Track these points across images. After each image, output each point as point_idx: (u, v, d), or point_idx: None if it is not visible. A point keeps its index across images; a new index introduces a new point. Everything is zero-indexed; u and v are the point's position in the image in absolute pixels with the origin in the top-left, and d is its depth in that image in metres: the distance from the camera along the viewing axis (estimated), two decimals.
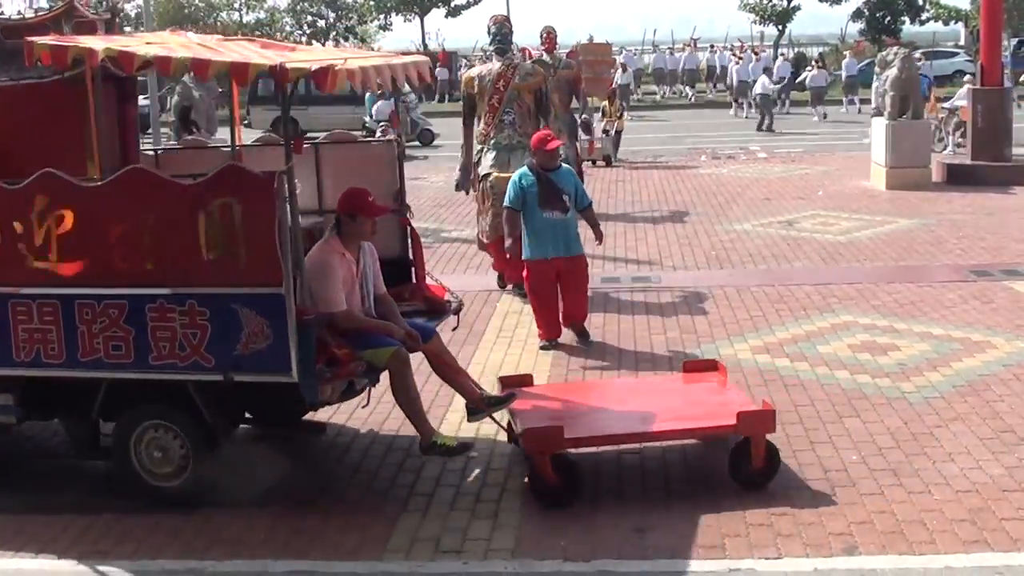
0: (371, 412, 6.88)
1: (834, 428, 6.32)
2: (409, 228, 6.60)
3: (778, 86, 28.35)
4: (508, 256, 8.79)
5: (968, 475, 5.58)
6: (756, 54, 35.76)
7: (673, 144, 23.43)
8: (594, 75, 18.82)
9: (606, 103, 20.33)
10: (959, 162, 16.22)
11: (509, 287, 9.72)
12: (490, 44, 10.08)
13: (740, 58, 32.92)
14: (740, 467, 5.55)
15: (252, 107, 29.82)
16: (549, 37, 13.87)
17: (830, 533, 5.02)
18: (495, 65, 9.78)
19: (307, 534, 5.26)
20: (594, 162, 18.64)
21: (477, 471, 5.94)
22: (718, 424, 5.70)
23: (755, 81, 28.37)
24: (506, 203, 8.05)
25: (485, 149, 9.62)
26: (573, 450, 5.59)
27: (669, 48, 41.78)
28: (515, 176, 8.08)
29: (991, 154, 15.72)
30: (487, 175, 9.49)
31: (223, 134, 18.22)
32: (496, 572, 4.85)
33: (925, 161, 15.64)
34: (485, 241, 9.73)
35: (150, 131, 20.90)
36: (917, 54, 20.70)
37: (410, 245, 6.60)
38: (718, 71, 38.15)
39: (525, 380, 6.46)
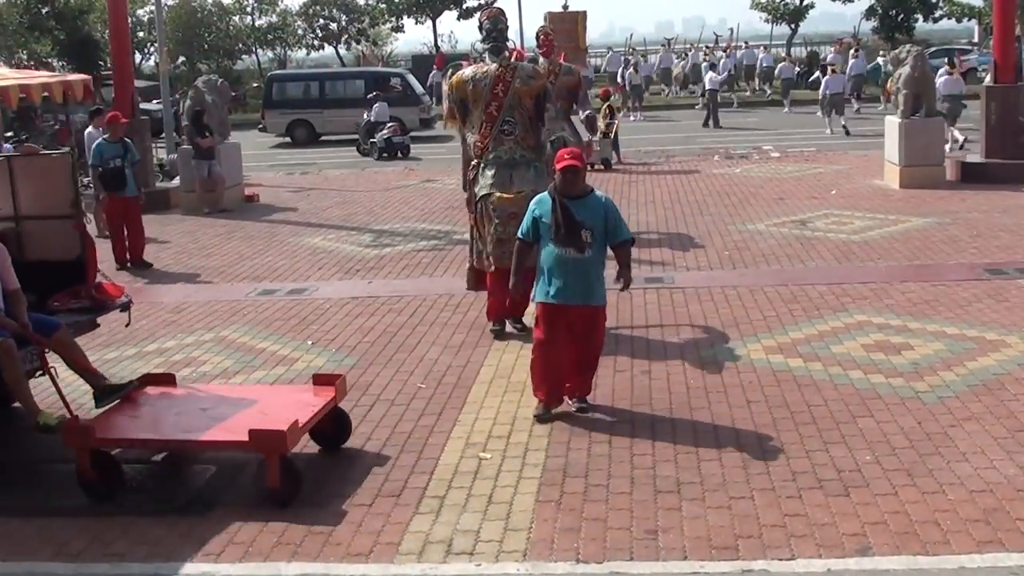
0: (384, 414, 6.93)
1: (847, 428, 6.30)
2: (82, 233, 7.37)
3: (721, 76, 28.69)
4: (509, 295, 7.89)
5: (982, 475, 5.56)
6: (726, 51, 36.00)
7: (685, 144, 23.38)
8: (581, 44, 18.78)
9: (605, 105, 20.23)
10: (973, 160, 16.15)
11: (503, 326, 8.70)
12: (483, 42, 8.86)
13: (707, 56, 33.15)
14: (260, 483, 5.65)
15: (267, 111, 29.93)
16: (546, 39, 12.72)
17: (843, 534, 5.01)
18: (490, 67, 8.57)
19: (320, 536, 5.28)
20: (592, 166, 18.38)
21: (489, 473, 5.95)
22: (232, 439, 5.81)
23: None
24: (519, 233, 6.80)
25: (483, 165, 8.49)
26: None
27: (644, 50, 41.90)
28: (532, 203, 6.76)
29: (1005, 152, 15.65)
30: (487, 195, 8.40)
31: (236, 138, 18.33)
32: (508, 574, 4.85)
33: (939, 159, 15.58)
34: (489, 268, 8.54)
35: (163, 135, 21.06)
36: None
37: (83, 248, 7.37)
38: (689, 71, 38.05)
39: (167, 379, 6.82)
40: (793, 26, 46.92)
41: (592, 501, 5.50)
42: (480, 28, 8.81)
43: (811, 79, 33.33)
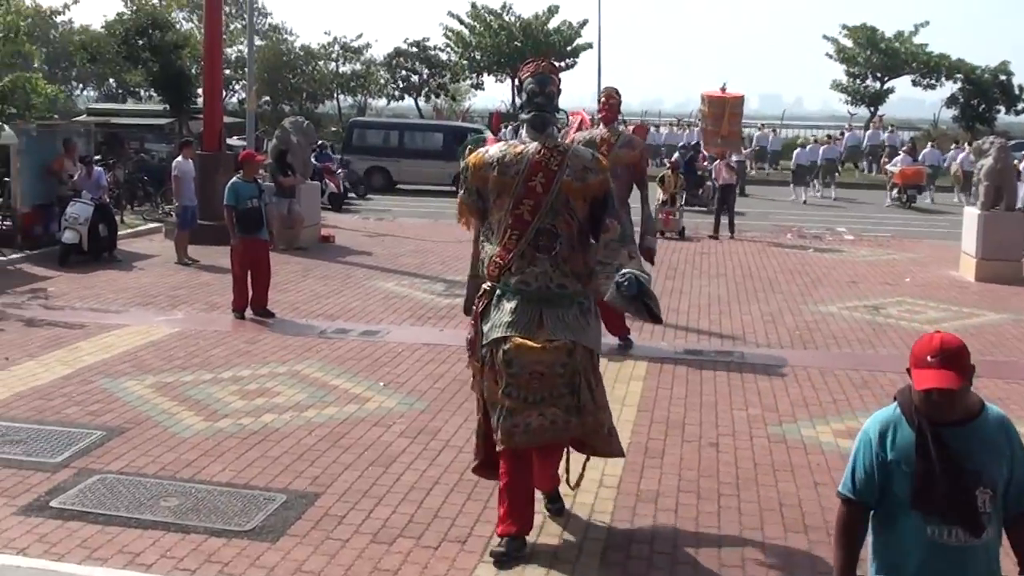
0: (452, 460, 6.99)
1: None
2: None
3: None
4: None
5: None
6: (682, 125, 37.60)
7: (759, 220, 23.36)
8: (727, 129, 19.70)
9: (666, 175, 20.44)
10: None
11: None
12: (523, 109, 5.94)
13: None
14: None
15: (347, 156, 30.48)
16: (609, 102, 10.20)
17: None
18: (528, 147, 5.72)
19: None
20: (663, 233, 18.61)
21: (554, 530, 5.98)
22: None
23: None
24: (843, 487, 3.66)
25: (499, 292, 5.65)
26: None
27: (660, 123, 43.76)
28: (868, 425, 3.66)
29: None
30: (500, 339, 5.51)
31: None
32: None
33: (1018, 254, 15.41)
34: (499, 446, 5.61)
35: None
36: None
37: None
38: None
39: None
40: (872, 109, 46.81)
41: (657, 569, 5.51)
42: (522, 88, 5.94)
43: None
